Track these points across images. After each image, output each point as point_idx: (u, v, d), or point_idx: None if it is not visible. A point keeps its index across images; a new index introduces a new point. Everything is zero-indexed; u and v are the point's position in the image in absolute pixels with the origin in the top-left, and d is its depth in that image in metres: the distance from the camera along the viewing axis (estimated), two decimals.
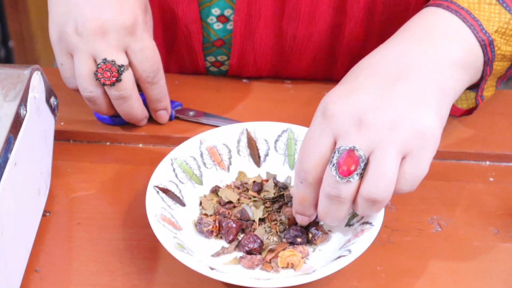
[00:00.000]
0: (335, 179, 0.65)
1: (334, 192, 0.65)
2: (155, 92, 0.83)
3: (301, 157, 0.67)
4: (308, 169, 0.67)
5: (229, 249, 0.72)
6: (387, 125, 0.64)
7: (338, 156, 0.64)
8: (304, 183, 0.68)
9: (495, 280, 0.72)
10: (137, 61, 0.79)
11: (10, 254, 0.66)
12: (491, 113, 0.90)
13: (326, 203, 0.67)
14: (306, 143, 0.67)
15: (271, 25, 0.89)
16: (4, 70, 0.72)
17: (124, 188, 0.80)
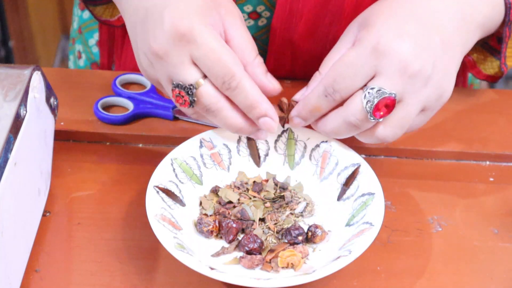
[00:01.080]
0: (364, 115, 0.69)
1: (357, 123, 0.70)
2: (239, 98, 0.70)
3: (336, 76, 0.69)
4: (339, 88, 0.69)
5: (229, 249, 0.72)
6: (423, 81, 0.69)
7: (377, 96, 0.68)
8: (329, 98, 0.70)
9: (495, 280, 0.72)
10: (206, 69, 0.69)
11: (10, 254, 0.66)
12: (491, 113, 0.90)
13: (343, 126, 0.71)
14: (346, 65, 0.69)
15: (311, 26, 0.89)
16: (4, 70, 0.72)
17: (124, 188, 0.80)
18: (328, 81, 0.70)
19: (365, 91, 0.68)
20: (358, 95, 0.69)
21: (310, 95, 0.72)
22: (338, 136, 0.73)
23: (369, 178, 0.75)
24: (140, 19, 0.71)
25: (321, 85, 0.71)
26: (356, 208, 0.74)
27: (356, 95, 0.69)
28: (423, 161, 0.85)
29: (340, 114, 0.71)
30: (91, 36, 1.04)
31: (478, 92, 0.92)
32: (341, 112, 0.71)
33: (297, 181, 0.79)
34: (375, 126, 0.71)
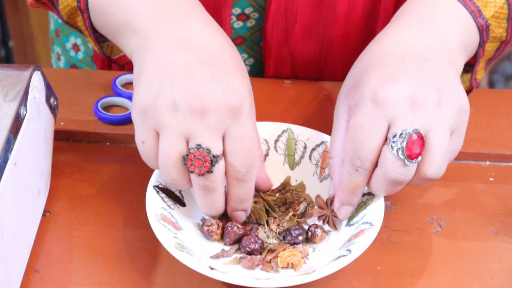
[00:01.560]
0: (401, 163, 0.67)
1: (400, 176, 0.68)
2: (241, 191, 0.69)
3: (356, 146, 0.68)
4: (365, 156, 0.68)
5: (228, 253, 0.72)
6: (436, 105, 0.67)
7: (403, 140, 0.66)
8: (360, 170, 0.69)
9: (495, 280, 0.72)
10: (233, 151, 0.66)
11: (10, 254, 0.66)
12: (491, 113, 0.90)
13: (389, 185, 0.69)
14: (358, 130, 0.68)
15: (308, 27, 0.89)
16: (4, 70, 0.72)
17: (124, 188, 0.80)
18: (351, 154, 0.68)
19: (389, 143, 0.67)
20: (385, 150, 0.67)
21: (343, 178, 0.70)
22: (387, 194, 0.71)
23: None
24: (182, 62, 0.67)
25: (346, 163, 0.69)
26: (356, 208, 0.74)
27: (384, 151, 0.67)
28: None
29: (379, 176, 0.69)
30: (67, 40, 1.04)
31: (478, 92, 0.92)
32: (378, 174, 0.68)
33: (297, 181, 0.79)
34: (419, 170, 0.68)
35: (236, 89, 0.66)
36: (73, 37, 1.03)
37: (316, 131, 0.79)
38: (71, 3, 0.76)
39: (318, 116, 0.88)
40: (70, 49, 1.04)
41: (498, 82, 2.04)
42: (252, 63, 0.95)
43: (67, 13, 0.78)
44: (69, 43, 1.03)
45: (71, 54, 1.04)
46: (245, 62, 0.94)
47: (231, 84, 0.66)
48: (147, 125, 0.67)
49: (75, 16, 0.78)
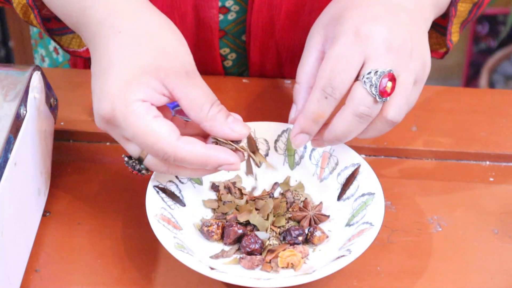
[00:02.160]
0: (372, 99, 0.68)
1: (368, 111, 0.68)
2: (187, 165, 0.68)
3: (330, 74, 0.68)
4: (337, 85, 0.68)
5: (228, 253, 0.72)
6: (408, 53, 0.69)
7: (377, 77, 0.67)
8: (329, 99, 0.68)
9: (495, 280, 0.72)
10: (140, 147, 0.68)
11: (10, 254, 0.66)
12: (491, 113, 0.90)
13: (354, 122, 0.69)
14: (335, 60, 0.68)
15: (292, 18, 0.88)
16: (4, 70, 0.72)
17: (124, 188, 0.80)
18: (323, 81, 0.68)
19: (362, 78, 0.68)
20: (358, 85, 0.68)
21: (309, 104, 0.69)
22: (350, 136, 0.70)
23: (369, 178, 0.75)
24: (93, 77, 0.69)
25: (317, 89, 0.68)
26: (356, 208, 0.74)
27: (356, 86, 0.68)
28: (423, 161, 0.85)
29: (348, 111, 0.69)
30: (49, 42, 1.04)
31: (478, 92, 0.92)
32: (347, 108, 0.69)
33: (296, 181, 0.79)
34: (382, 111, 0.69)
35: (103, 98, 0.66)
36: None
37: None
38: (21, 1, 0.77)
39: None
40: (52, 51, 1.04)
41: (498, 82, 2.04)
42: (234, 58, 0.94)
43: (21, 11, 0.79)
44: (51, 46, 1.04)
45: (54, 56, 1.04)
46: (227, 57, 0.94)
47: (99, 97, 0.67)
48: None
49: (29, 14, 0.78)
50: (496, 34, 2.05)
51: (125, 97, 0.66)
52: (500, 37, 1.98)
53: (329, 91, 0.68)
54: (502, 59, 2.03)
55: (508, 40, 2.03)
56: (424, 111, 0.89)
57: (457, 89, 0.93)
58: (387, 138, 0.85)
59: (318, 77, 0.69)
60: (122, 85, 0.66)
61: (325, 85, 0.68)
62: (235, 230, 0.72)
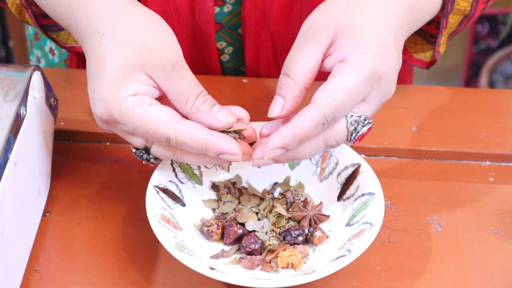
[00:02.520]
0: (345, 140, 0.68)
1: (335, 146, 0.69)
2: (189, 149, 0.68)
3: (340, 106, 0.65)
4: (339, 116, 0.66)
5: (228, 253, 0.72)
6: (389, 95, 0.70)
7: (363, 125, 0.67)
8: (325, 126, 0.66)
9: (495, 280, 0.72)
10: (144, 138, 0.70)
11: (10, 254, 0.66)
12: (491, 113, 0.90)
13: (320, 150, 0.68)
14: (349, 94, 0.66)
15: (285, 8, 0.88)
16: (4, 70, 0.72)
17: (124, 188, 0.80)
18: (330, 109, 0.65)
19: (350, 118, 0.67)
20: (343, 121, 0.67)
21: (305, 124, 0.66)
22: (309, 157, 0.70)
23: (369, 178, 0.75)
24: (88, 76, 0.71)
25: (320, 113, 0.65)
26: (356, 208, 0.74)
27: (342, 121, 0.67)
28: (423, 161, 0.85)
29: (323, 139, 0.67)
30: (45, 43, 1.04)
31: (478, 92, 0.92)
32: (323, 137, 0.67)
33: (296, 181, 0.79)
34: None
35: (97, 100, 0.68)
36: (49, 41, 1.04)
37: None
38: (15, 1, 0.77)
39: None
40: (48, 52, 1.04)
41: (498, 82, 2.04)
42: (231, 52, 0.94)
43: (16, 11, 0.79)
44: (47, 47, 1.04)
45: (49, 57, 1.04)
46: (223, 51, 0.94)
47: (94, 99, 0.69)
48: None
49: (24, 13, 0.79)
50: (496, 34, 2.05)
51: (116, 95, 0.67)
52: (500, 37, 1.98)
53: (330, 120, 0.66)
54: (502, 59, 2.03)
55: (508, 40, 2.03)
56: (424, 111, 0.89)
57: (457, 89, 0.93)
58: (387, 138, 0.85)
59: (325, 101, 0.65)
60: (111, 85, 0.67)
61: (329, 113, 0.66)
62: (235, 230, 0.72)
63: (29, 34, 1.09)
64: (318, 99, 0.66)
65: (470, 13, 0.81)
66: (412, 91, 0.92)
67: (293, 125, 0.66)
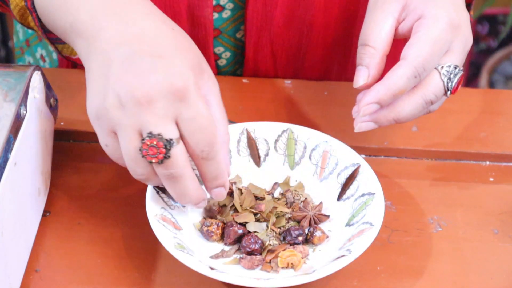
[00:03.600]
0: (444, 91, 0.71)
1: (435, 100, 0.71)
2: (211, 169, 0.68)
3: (427, 56, 0.68)
4: (429, 67, 0.69)
5: (228, 253, 0.72)
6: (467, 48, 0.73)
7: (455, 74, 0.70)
8: (417, 78, 0.69)
9: (495, 280, 0.72)
10: (189, 132, 0.65)
11: (10, 254, 0.66)
12: (491, 113, 0.90)
13: (421, 107, 0.71)
14: (433, 44, 0.69)
15: (288, 14, 0.88)
16: (4, 70, 0.72)
17: (124, 188, 0.80)
18: (419, 61, 0.68)
19: (441, 69, 0.70)
20: (436, 75, 0.70)
21: (397, 78, 0.68)
22: (410, 119, 0.71)
23: (369, 178, 0.75)
24: (122, 58, 0.66)
25: (410, 66, 0.68)
26: (356, 208, 0.74)
27: (435, 75, 0.70)
28: (423, 161, 0.85)
29: (419, 95, 0.70)
30: (36, 50, 1.04)
31: (478, 92, 0.92)
32: (419, 93, 0.70)
33: (296, 181, 0.79)
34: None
35: (177, 71, 0.65)
36: (40, 48, 1.03)
37: (316, 131, 0.79)
38: (19, 3, 0.76)
39: (318, 116, 0.88)
40: (39, 59, 1.04)
41: (498, 82, 2.04)
42: (228, 57, 0.94)
43: (18, 13, 0.78)
44: (37, 53, 1.04)
45: (41, 63, 1.04)
46: (221, 56, 0.94)
47: (171, 68, 0.65)
48: (104, 128, 0.67)
49: (26, 16, 0.78)
50: (496, 34, 2.05)
51: (196, 78, 0.66)
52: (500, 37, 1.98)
53: (421, 71, 0.69)
54: (502, 59, 2.03)
55: (508, 40, 2.03)
56: None
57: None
58: (387, 138, 0.85)
59: (413, 55, 0.68)
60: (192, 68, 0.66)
61: (419, 65, 0.68)
62: (235, 230, 0.72)
63: (19, 40, 1.08)
64: (407, 54, 0.69)
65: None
66: None
67: (386, 80, 0.69)
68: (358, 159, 0.76)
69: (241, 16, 0.91)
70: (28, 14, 0.78)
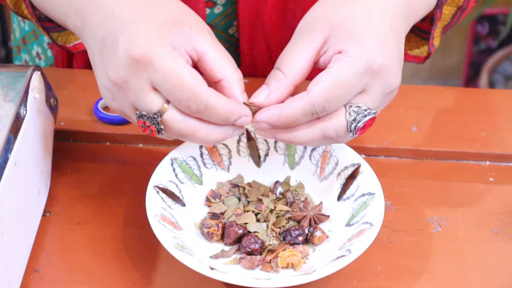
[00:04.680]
0: (346, 131, 0.67)
1: (336, 138, 0.68)
2: (212, 117, 0.66)
3: (330, 97, 0.65)
4: (330, 108, 0.66)
5: (228, 253, 0.72)
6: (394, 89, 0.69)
7: (364, 116, 0.66)
8: (314, 116, 0.66)
9: (495, 280, 0.72)
10: (168, 94, 0.65)
11: (10, 254, 0.66)
12: (491, 113, 0.90)
13: (319, 140, 0.68)
14: (341, 86, 0.65)
15: (279, 8, 0.88)
16: (4, 70, 0.72)
17: (124, 188, 0.80)
18: (319, 100, 0.65)
19: (349, 108, 0.67)
20: (342, 112, 0.67)
21: (292, 111, 0.66)
22: (309, 145, 0.70)
23: (369, 178, 0.75)
24: (98, 48, 0.67)
25: (309, 103, 0.66)
26: (356, 208, 0.74)
27: (340, 111, 0.67)
28: (423, 161, 0.85)
29: (320, 129, 0.67)
30: (32, 47, 1.04)
31: (478, 92, 0.93)
32: (321, 127, 0.67)
33: (296, 181, 0.79)
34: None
35: (134, 40, 0.64)
36: (36, 46, 1.03)
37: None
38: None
39: None
40: (35, 56, 1.04)
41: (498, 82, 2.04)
42: None
43: (11, 2, 0.78)
44: (34, 51, 1.04)
45: (36, 61, 1.04)
46: None
47: (130, 39, 0.65)
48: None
49: (20, 5, 0.78)
50: (496, 34, 2.05)
51: (159, 39, 0.64)
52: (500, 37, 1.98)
53: (319, 110, 0.66)
54: (502, 59, 2.03)
55: (508, 40, 2.03)
56: (424, 111, 0.89)
57: (457, 89, 0.93)
58: (387, 138, 0.85)
59: (315, 92, 0.66)
60: (153, 30, 0.65)
61: (319, 104, 0.66)
62: (235, 230, 0.72)
63: (16, 38, 1.08)
64: (311, 89, 0.66)
65: (463, 4, 0.81)
66: (412, 91, 0.93)
67: (283, 107, 0.67)
68: (358, 159, 0.76)
69: (233, 12, 0.90)
70: (22, 3, 0.78)
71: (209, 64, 0.67)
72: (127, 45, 0.64)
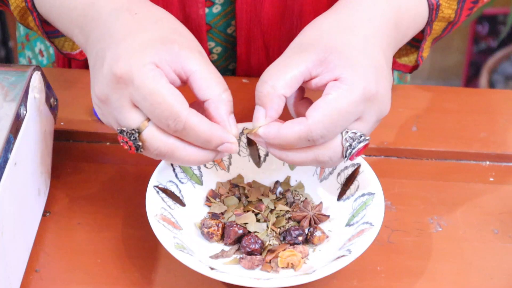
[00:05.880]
0: (340, 157, 0.68)
1: (329, 164, 0.68)
2: (191, 138, 0.66)
3: (329, 125, 0.65)
4: (328, 136, 0.66)
5: (228, 253, 0.72)
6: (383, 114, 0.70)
7: (359, 142, 0.67)
8: (311, 142, 0.66)
9: (495, 280, 0.72)
10: (148, 112, 0.65)
11: (10, 254, 0.66)
12: (491, 113, 0.90)
13: (312, 162, 0.68)
14: (339, 115, 0.66)
15: (277, 5, 0.88)
16: (4, 70, 0.72)
17: (124, 188, 0.80)
18: (319, 129, 0.65)
19: (345, 134, 0.67)
20: (338, 139, 0.67)
21: (290, 134, 0.66)
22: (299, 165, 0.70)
23: (369, 178, 0.75)
24: (92, 64, 0.69)
25: (306, 130, 0.65)
26: (356, 208, 0.74)
27: (337, 138, 0.67)
28: (423, 161, 0.85)
29: (315, 153, 0.67)
30: (35, 44, 1.04)
31: (478, 92, 0.92)
32: (316, 152, 0.67)
33: (296, 181, 0.79)
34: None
35: (117, 57, 0.65)
36: (39, 42, 1.04)
37: None
38: (19, 4, 0.77)
39: None
40: (38, 53, 1.04)
41: (498, 82, 2.04)
42: (220, 52, 0.94)
43: (19, 14, 0.79)
44: (37, 48, 1.04)
45: (39, 58, 1.04)
46: (212, 51, 0.94)
47: (114, 56, 0.66)
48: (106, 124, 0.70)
49: (26, 17, 0.79)
50: (496, 34, 2.05)
51: (142, 57, 0.65)
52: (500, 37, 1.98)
53: (316, 138, 0.66)
54: (502, 59, 2.03)
55: (508, 40, 2.03)
56: (424, 111, 0.89)
57: (457, 89, 0.93)
58: (387, 138, 0.85)
59: (315, 118, 0.65)
60: (138, 48, 0.66)
61: (317, 131, 0.66)
62: (236, 231, 0.72)
63: (20, 35, 1.09)
64: (309, 116, 0.66)
65: (454, 19, 0.81)
66: (412, 91, 0.93)
67: (282, 128, 0.67)
68: (358, 159, 0.76)
69: (232, 11, 0.91)
70: (29, 15, 0.78)
71: (197, 83, 0.67)
72: (111, 61, 0.65)
